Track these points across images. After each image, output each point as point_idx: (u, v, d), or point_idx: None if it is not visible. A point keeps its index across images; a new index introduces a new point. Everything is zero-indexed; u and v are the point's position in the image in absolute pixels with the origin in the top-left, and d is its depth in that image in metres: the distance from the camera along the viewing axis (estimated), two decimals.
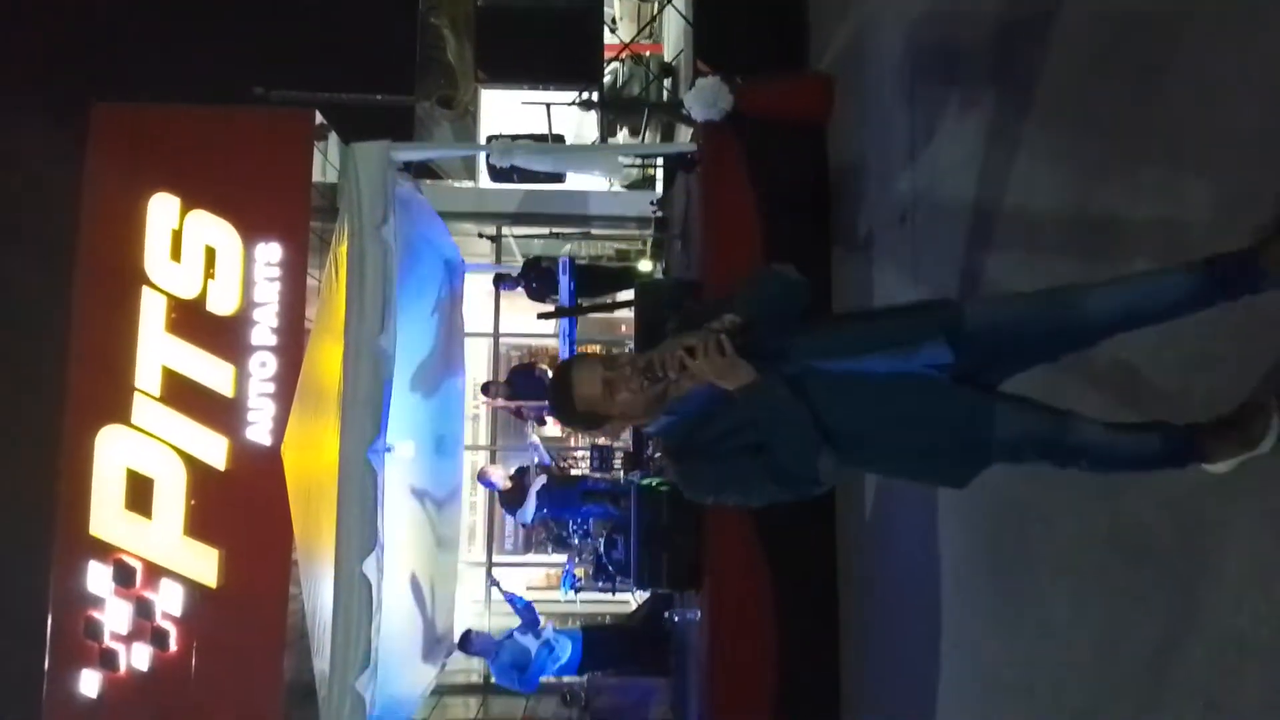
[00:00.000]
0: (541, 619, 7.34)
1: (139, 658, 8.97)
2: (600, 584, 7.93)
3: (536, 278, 7.82)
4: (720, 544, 4.99)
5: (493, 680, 10.02)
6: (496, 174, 6.67)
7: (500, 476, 8.09)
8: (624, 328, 11.16)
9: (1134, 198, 2.39)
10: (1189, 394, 2.19)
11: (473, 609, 10.38)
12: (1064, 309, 2.05)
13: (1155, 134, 2.32)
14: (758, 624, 4.68)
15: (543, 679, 7.26)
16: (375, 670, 5.25)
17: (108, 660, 8.96)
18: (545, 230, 10.13)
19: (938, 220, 3.77)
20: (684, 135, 6.61)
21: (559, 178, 6.94)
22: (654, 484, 5.70)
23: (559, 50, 6.20)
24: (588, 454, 9.45)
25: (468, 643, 7.35)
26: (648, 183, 11.49)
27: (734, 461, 2.11)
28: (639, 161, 10.31)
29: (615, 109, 8.07)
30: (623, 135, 11.09)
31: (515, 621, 7.19)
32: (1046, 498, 2.75)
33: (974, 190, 3.40)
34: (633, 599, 8.13)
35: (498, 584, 8.04)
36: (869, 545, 4.49)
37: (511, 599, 7.39)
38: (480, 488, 10.59)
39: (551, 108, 7.18)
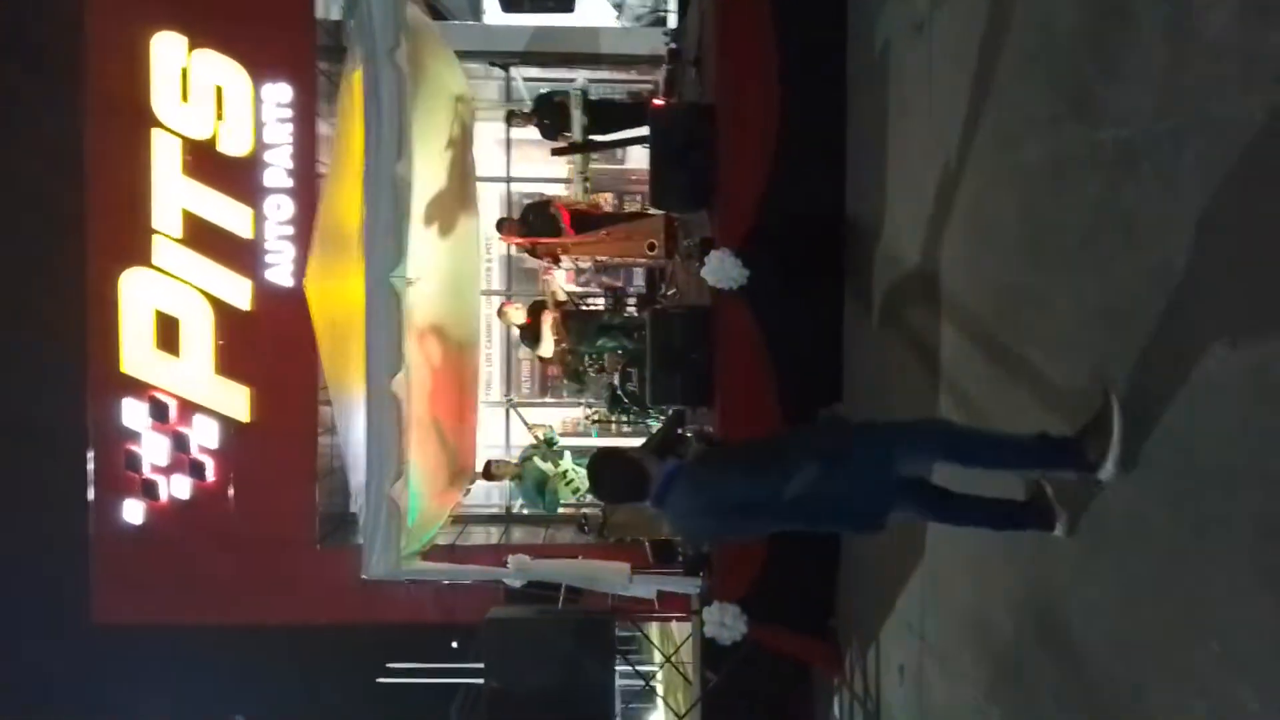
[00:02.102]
0: (556, 460, 7.69)
1: (179, 487, 9.48)
2: (614, 415, 8.26)
3: (548, 113, 7.76)
4: (730, 360, 5.20)
5: (513, 510, 10.64)
6: (507, 3, 6.53)
7: (519, 315, 8.33)
8: (634, 185, 11.17)
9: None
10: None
11: (494, 452, 10.83)
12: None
13: None
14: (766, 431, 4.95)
15: (563, 503, 7.68)
16: (408, 480, 5.58)
17: (149, 490, 9.47)
18: (555, 70, 9.97)
19: (952, 29, 3.77)
20: None
21: (569, 6, 6.79)
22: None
23: None
24: (602, 295, 9.65)
25: (489, 471, 7.73)
26: (659, 23, 11.20)
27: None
28: (650, 3, 10.02)
29: None
30: None
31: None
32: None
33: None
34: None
35: (514, 406, 8.39)
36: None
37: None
38: (496, 336, 10.91)
39: None
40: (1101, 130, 2.61)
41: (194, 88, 9.21)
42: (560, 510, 9.35)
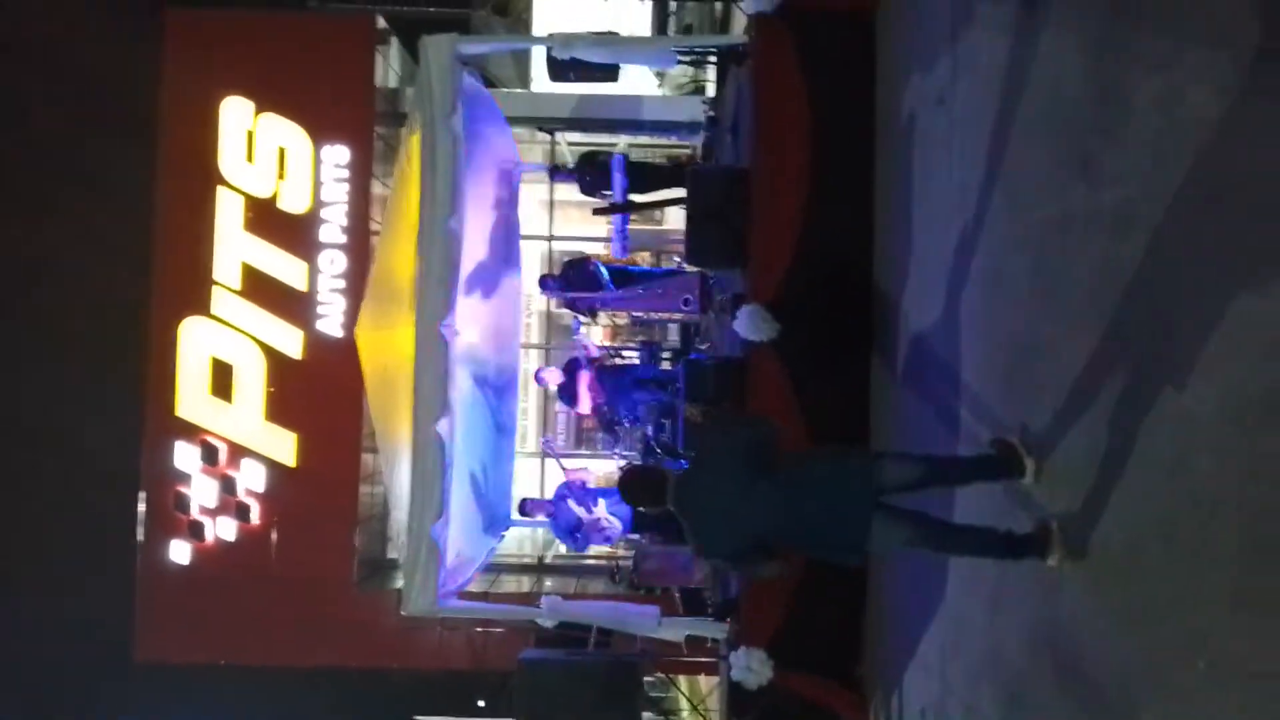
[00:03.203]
0: (590, 505, 7.88)
1: (225, 529, 9.81)
2: (648, 462, 8.45)
3: (590, 171, 8.14)
4: (761, 409, 5.41)
5: (545, 560, 10.80)
6: (555, 71, 6.96)
7: (555, 376, 8.64)
8: (672, 245, 11.55)
9: (1138, 70, 2.68)
10: None
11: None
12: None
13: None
14: None
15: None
16: (448, 520, 5.83)
17: (196, 531, 9.81)
18: (598, 135, 10.44)
19: (970, 100, 4.06)
20: (737, 32, 6.86)
21: (614, 75, 7.22)
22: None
23: None
24: (637, 351, 9.92)
25: (525, 508, 7.95)
26: (698, 91, 11.68)
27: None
28: (690, 74, 10.49)
29: (673, 2, 8.28)
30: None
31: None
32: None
33: (1003, 73, 3.68)
34: None
35: (550, 445, 8.64)
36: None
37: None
38: (531, 390, 11.23)
39: (609, 3, 7.46)
40: (1102, 192, 2.85)
41: (259, 149, 9.80)
42: (591, 561, 9.52)
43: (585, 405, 8.58)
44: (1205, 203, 2.37)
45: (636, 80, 10.76)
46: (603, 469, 11.92)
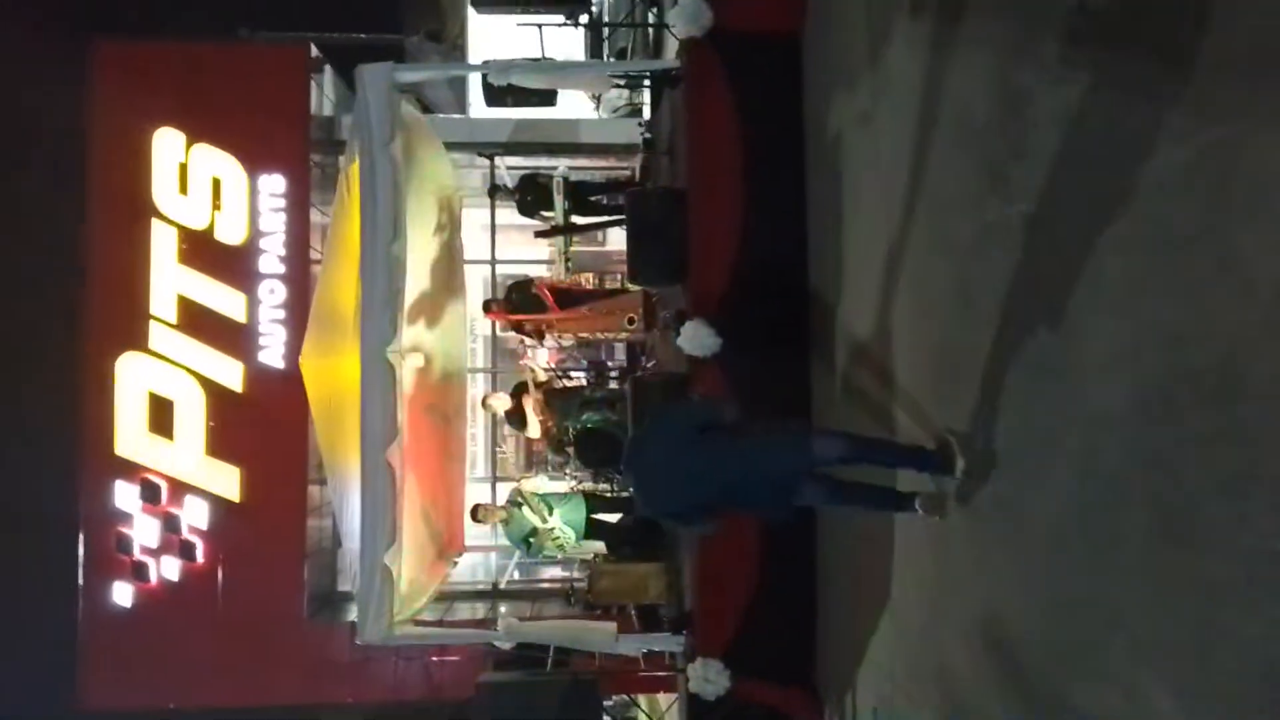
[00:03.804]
0: (544, 513, 7.89)
1: (169, 569, 9.61)
2: (598, 484, 8.53)
3: (531, 192, 8.23)
4: None
5: (499, 587, 10.76)
6: (491, 97, 7.06)
7: (502, 402, 8.68)
8: (615, 265, 11.69)
9: (1048, 84, 2.86)
10: None
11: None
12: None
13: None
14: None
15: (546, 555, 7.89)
16: (400, 547, 5.81)
17: (139, 572, 9.59)
18: (536, 159, 10.51)
19: (891, 119, 4.24)
20: (670, 56, 7.02)
21: (551, 100, 7.33)
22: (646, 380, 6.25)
23: None
24: (584, 372, 10.01)
25: (477, 514, 7.94)
26: (635, 114, 11.85)
27: None
28: (626, 96, 10.65)
29: (605, 28, 8.44)
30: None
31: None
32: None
33: (920, 92, 3.87)
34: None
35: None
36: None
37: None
38: (480, 419, 11.22)
39: (544, 30, 7.59)
40: (1014, 204, 3.03)
41: (192, 180, 9.68)
42: (546, 585, 9.52)
43: (534, 430, 8.62)
44: (1102, 209, 2.55)
45: (574, 104, 10.90)
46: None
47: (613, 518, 7.82)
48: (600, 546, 7.86)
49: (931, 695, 3.86)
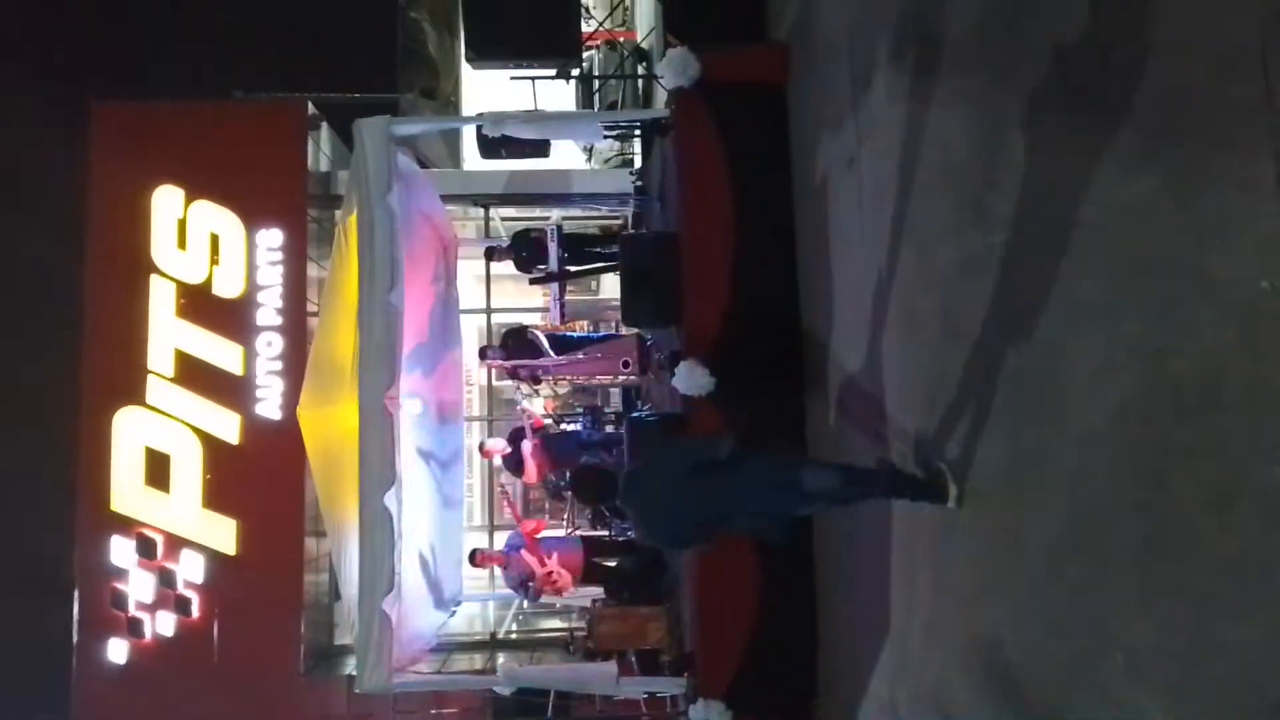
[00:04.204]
0: (543, 557, 7.88)
1: (164, 625, 9.52)
2: (597, 528, 8.54)
3: (525, 247, 8.36)
4: None
5: (497, 635, 10.66)
6: (486, 149, 7.22)
7: (500, 446, 8.73)
8: (610, 312, 11.83)
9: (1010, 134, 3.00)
10: None
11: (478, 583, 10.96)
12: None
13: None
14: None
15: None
16: (399, 593, 5.81)
17: (134, 628, 9.49)
18: (530, 210, 10.71)
19: (875, 160, 4.39)
20: (659, 106, 7.24)
21: (544, 151, 7.51)
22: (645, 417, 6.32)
23: (541, 30, 6.86)
24: (580, 420, 10.05)
25: (475, 559, 7.92)
26: (626, 164, 12.09)
27: None
28: (617, 148, 10.89)
29: (596, 80, 8.67)
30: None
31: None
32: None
33: (902, 134, 4.02)
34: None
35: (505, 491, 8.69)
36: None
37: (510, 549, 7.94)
38: (476, 468, 11.24)
39: (536, 83, 7.80)
40: (993, 235, 3.14)
41: (191, 236, 9.82)
42: (544, 634, 9.45)
43: (532, 474, 8.65)
44: (1077, 236, 2.66)
45: (566, 156, 11.12)
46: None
47: (610, 562, 7.82)
48: (598, 591, 7.84)
49: None
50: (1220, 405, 2.17)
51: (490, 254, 9.02)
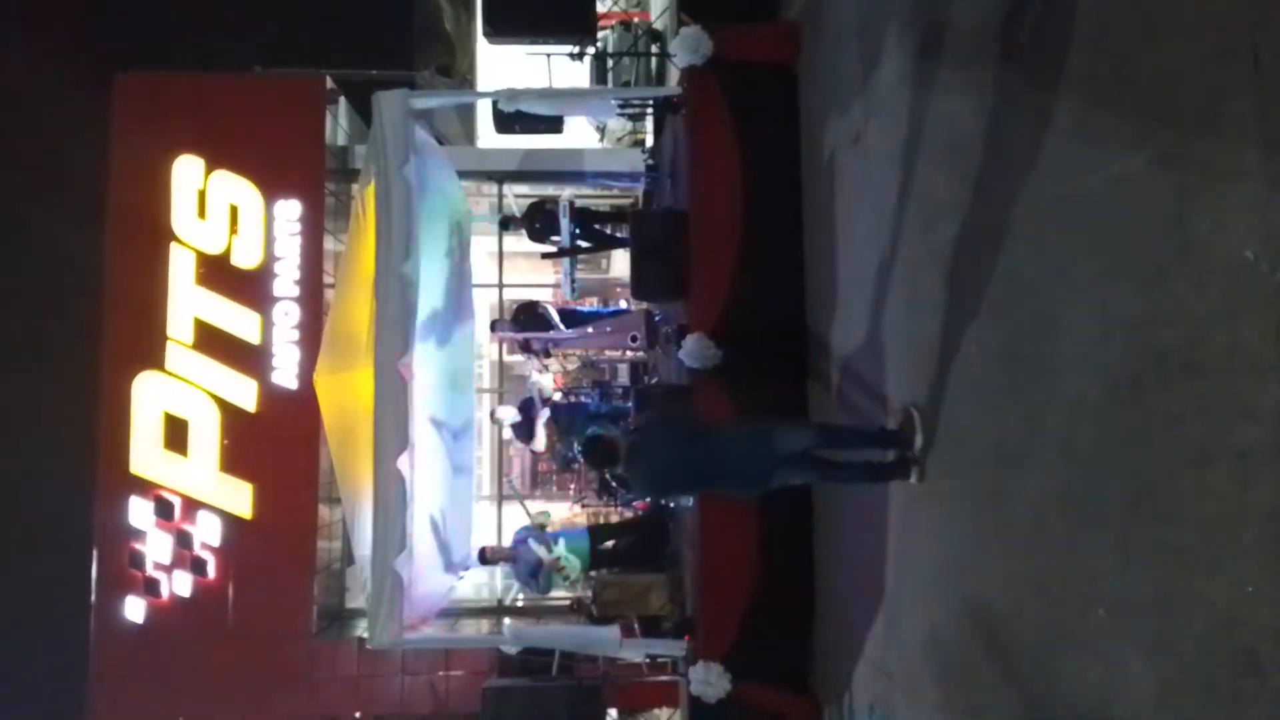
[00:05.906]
0: (550, 545, 8.06)
1: (180, 584, 9.75)
2: (603, 499, 8.72)
3: (539, 219, 8.50)
4: None
5: (504, 602, 10.89)
6: (501, 124, 7.34)
7: (510, 413, 8.89)
8: (619, 290, 11.98)
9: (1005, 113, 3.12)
10: None
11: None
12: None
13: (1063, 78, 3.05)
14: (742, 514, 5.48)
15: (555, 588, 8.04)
16: (410, 553, 6.00)
17: (151, 588, 9.74)
18: (543, 188, 10.83)
19: (881, 137, 4.51)
20: (671, 84, 7.35)
21: (558, 127, 7.63)
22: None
23: (558, 7, 6.98)
24: (589, 390, 10.20)
25: (484, 556, 8.10)
26: (638, 144, 12.19)
27: None
28: (630, 127, 10.98)
29: (610, 58, 8.77)
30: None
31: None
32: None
33: (907, 112, 4.13)
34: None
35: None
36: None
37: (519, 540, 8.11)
38: (486, 440, 11.43)
39: (551, 59, 7.91)
40: (994, 209, 3.27)
41: (210, 206, 9.98)
42: (553, 601, 9.65)
43: (541, 442, 8.83)
44: (1071, 209, 2.79)
45: (578, 135, 11.22)
46: (560, 515, 12.12)
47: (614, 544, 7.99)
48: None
49: (926, 689, 4.03)
50: (1202, 370, 2.29)
51: (505, 224, 9.17)
